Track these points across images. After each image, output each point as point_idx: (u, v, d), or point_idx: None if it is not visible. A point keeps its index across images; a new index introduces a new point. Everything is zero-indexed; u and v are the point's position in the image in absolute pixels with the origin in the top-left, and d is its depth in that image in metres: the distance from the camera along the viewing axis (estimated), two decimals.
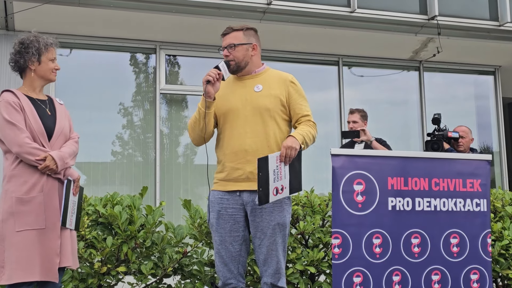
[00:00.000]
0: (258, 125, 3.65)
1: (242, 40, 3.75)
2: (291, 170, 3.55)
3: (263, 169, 3.44)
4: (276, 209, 3.62)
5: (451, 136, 5.94)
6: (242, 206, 3.66)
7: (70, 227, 3.60)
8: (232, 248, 3.65)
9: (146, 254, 4.50)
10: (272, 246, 3.61)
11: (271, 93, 3.71)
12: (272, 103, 3.69)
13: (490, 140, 9.99)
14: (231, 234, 3.65)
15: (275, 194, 3.49)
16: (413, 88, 9.52)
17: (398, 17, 8.13)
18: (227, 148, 3.68)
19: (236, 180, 3.65)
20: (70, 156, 3.60)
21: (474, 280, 4.06)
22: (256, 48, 3.82)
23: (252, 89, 3.73)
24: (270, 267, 3.62)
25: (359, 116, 6.11)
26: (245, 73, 3.78)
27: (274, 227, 3.60)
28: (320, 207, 4.89)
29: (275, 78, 3.79)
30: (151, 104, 8.21)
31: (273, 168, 3.48)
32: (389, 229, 3.90)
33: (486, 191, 4.15)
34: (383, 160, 3.97)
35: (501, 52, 9.21)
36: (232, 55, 3.73)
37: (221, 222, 3.66)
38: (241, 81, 3.79)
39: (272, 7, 7.52)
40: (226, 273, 3.64)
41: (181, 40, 8.14)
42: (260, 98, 3.69)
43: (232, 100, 3.72)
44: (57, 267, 3.48)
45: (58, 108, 3.75)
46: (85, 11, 7.14)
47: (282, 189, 3.52)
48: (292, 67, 8.79)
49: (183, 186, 8.18)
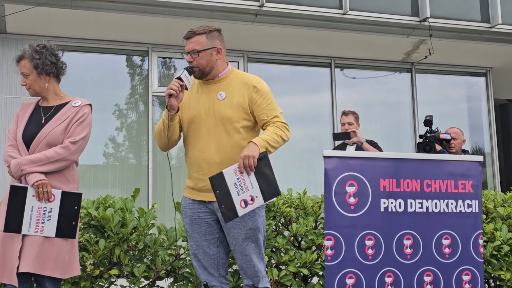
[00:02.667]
0: (222, 136, 3.54)
1: (205, 45, 3.57)
2: (259, 178, 3.41)
3: (221, 186, 3.36)
4: (247, 215, 3.52)
5: (443, 137, 5.95)
6: (213, 211, 3.61)
7: (36, 233, 3.52)
8: (210, 251, 3.61)
9: (138, 257, 4.49)
10: (246, 252, 3.55)
11: (233, 102, 3.56)
12: (234, 113, 3.54)
13: (482, 142, 10.03)
14: (206, 237, 3.61)
15: (244, 206, 3.38)
16: (405, 89, 9.55)
17: (390, 19, 8.16)
18: (191, 158, 3.64)
19: (201, 190, 3.60)
20: (33, 163, 3.56)
21: (466, 281, 4.07)
22: (221, 52, 3.63)
23: (216, 96, 3.60)
24: (248, 271, 3.59)
25: (354, 118, 6.12)
26: (209, 77, 3.63)
27: (246, 233, 3.53)
28: (313, 209, 4.89)
29: (238, 83, 3.62)
30: (143, 106, 8.20)
31: (233, 181, 3.38)
32: (381, 230, 3.91)
33: (477, 192, 4.16)
34: (375, 162, 3.98)
35: (493, 53, 9.25)
36: (196, 61, 3.56)
37: (195, 227, 3.62)
38: (205, 85, 3.66)
39: (265, 9, 7.53)
40: (207, 276, 3.62)
41: (173, 43, 8.14)
42: (222, 107, 3.56)
43: (195, 108, 3.62)
44: (15, 271, 3.46)
45: (62, 112, 3.73)
46: (77, 13, 7.13)
47: (253, 199, 3.40)
48: (284, 69, 8.81)
49: (175, 189, 8.15)
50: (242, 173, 3.37)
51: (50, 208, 3.56)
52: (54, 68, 3.75)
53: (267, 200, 3.43)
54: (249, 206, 3.40)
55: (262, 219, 3.61)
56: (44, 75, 3.72)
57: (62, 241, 3.60)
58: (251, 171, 3.37)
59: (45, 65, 3.69)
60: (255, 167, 3.37)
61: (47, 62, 3.70)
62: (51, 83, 3.77)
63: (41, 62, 3.67)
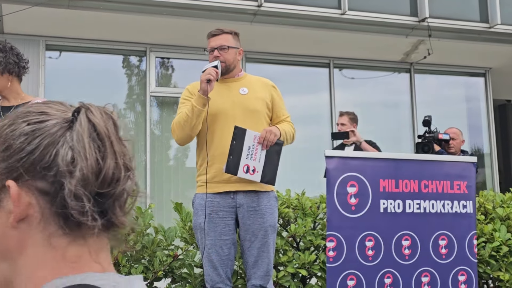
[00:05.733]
0: (249, 127, 3.64)
1: (233, 44, 3.78)
2: (267, 158, 3.57)
3: (239, 139, 3.49)
4: (268, 211, 3.62)
5: (441, 138, 5.95)
6: (233, 209, 3.62)
7: None
8: (222, 251, 3.61)
9: (136, 258, 4.47)
10: (264, 248, 3.61)
11: (257, 96, 3.76)
12: (259, 105, 3.73)
13: (481, 142, 10.02)
14: (221, 237, 3.61)
15: (245, 171, 3.49)
16: (404, 90, 9.54)
17: (388, 19, 8.14)
18: (216, 149, 3.63)
19: (228, 181, 3.61)
20: None
21: (462, 281, 4.07)
22: (241, 54, 3.86)
23: (238, 91, 3.74)
24: (260, 269, 3.61)
25: (348, 119, 6.10)
26: (229, 76, 3.79)
27: (266, 229, 3.60)
28: (312, 210, 4.88)
29: (257, 83, 3.86)
30: (141, 107, 8.18)
31: (249, 144, 3.51)
32: (381, 231, 3.90)
33: (472, 193, 4.17)
34: (375, 162, 3.97)
35: (492, 54, 9.24)
36: (223, 57, 3.72)
37: (212, 226, 3.62)
38: (225, 83, 3.77)
39: (263, 9, 7.51)
40: (215, 277, 3.61)
41: (171, 43, 8.12)
42: (248, 100, 3.71)
43: (219, 101, 3.68)
44: None
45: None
46: (75, 13, 7.11)
47: (254, 171, 3.52)
48: (282, 69, 8.79)
49: (174, 189, 8.15)
50: (259, 143, 3.54)
51: None
52: (17, 67, 3.68)
53: (262, 181, 3.56)
54: (248, 174, 3.51)
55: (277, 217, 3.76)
56: (7, 74, 3.65)
57: None
58: (266, 147, 3.55)
59: (8, 64, 3.63)
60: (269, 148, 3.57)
61: (10, 61, 3.64)
62: (13, 82, 3.70)
63: (5, 61, 3.62)
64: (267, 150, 3.57)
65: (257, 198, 3.63)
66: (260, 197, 3.64)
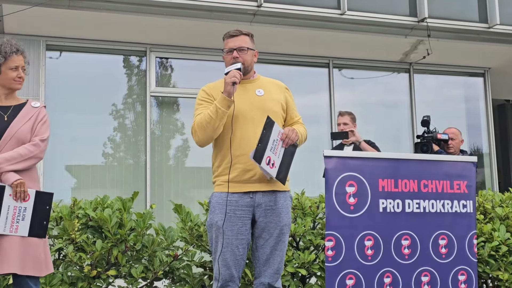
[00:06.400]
0: None
1: (250, 45, 3.81)
2: (284, 156, 3.61)
3: (268, 130, 3.51)
4: (284, 210, 3.67)
5: (440, 138, 5.96)
6: (251, 208, 3.63)
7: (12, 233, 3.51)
8: (238, 251, 3.61)
9: (136, 258, 4.49)
10: (277, 247, 3.65)
11: (273, 97, 3.78)
12: (276, 106, 3.76)
13: (480, 142, 10.04)
14: (238, 237, 3.60)
15: (267, 163, 3.50)
16: (403, 90, 9.55)
17: (388, 19, 8.16)
18: (237, 150, 3.62)
19: (248, 181, 3.62)
20: (7, 161, 3.55)
21: (462, 281, 4.08)
22: (257, 55, 3.88)
23: (254, 93, 3.75)
24: (271, 267, 3.64)
25: (350, 118, 6.11)
26: (244, 78, 3.78)
27: (282, 228, 3.65)
28: (311, 209, 4.89)
29: (272, 85, 3.87)
30: (141, 106, 8.19)
31: (274, 138, 3.55)
32: (380, 231, 3.91)
33: (472, 192, 4.18)
34: (374, 162, 3.97)
35: (491, 54, 9.26)
36: (242, 58, 3.73)
37: (229, 225, 3.60)
38: (241, 85, 3.74)
39: (263, 9, 7.53)
40: (226, 276, 3.60)
41: (171, 43, 8.12)
42: (265, 102, 3.73)
43: (237, 103, 3.66)
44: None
45: (24, 111, 3.72)
46: (75, 13, 7.12)
47: (273, 164, 3.54)
48: (282, 69, 8.80)
49: (174, 189, 8.16)
50: (282, 139, 3.59)
51: (25, 208, 3.57)
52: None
53: (276, 178, 3.58)
54: (268, 167, 3.53)
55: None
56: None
57: (37, 240, 3.61)
58: (286, 144, 3.60)
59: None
60: (287, 147, 3.62)
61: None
62: None
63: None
64: (285, 149, 3.62)
65: (275, 198, 3.66)
66: (277, 197, 3.67)
